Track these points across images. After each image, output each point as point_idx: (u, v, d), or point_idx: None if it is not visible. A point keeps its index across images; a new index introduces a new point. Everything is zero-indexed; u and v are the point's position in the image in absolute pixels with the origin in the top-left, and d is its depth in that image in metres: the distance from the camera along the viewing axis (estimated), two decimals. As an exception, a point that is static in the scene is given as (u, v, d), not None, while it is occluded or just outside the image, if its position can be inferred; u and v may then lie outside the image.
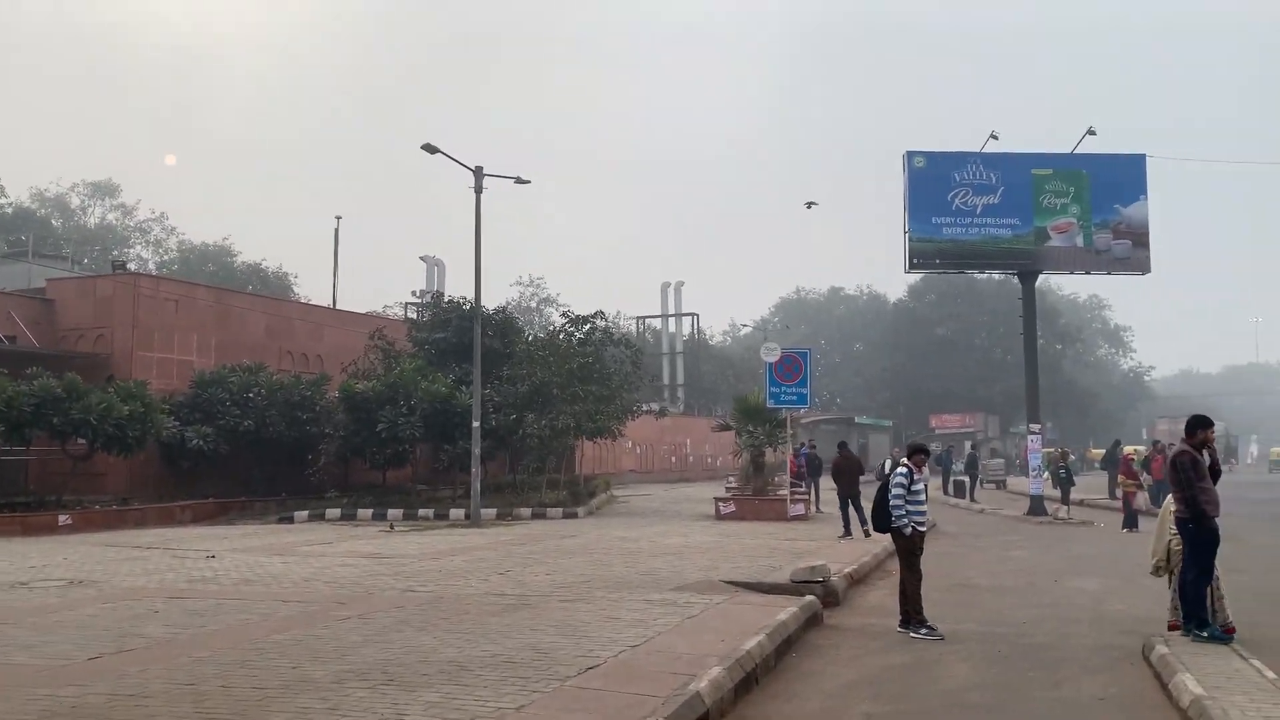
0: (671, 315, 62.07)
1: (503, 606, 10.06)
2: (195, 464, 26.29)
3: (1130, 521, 21.43)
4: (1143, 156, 27.56)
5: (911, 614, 9.56)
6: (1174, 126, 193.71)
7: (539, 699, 6.16)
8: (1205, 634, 8.04)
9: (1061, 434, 61.82)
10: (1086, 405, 72.12)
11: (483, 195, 23.06)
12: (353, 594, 11.34)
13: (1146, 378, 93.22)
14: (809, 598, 10.36)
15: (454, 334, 28.89)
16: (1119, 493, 27.24)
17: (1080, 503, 27.14)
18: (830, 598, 11.24)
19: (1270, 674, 6.84)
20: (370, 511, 25.11)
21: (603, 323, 29.34)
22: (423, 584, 12.08)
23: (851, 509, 18.64)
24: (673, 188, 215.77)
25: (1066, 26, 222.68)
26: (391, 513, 24.80)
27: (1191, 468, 8.23)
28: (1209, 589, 8.35)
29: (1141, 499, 23.58)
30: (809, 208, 28.30)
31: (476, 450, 22.67)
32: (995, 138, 27.13)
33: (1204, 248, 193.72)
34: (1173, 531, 8.71)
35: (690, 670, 6.92)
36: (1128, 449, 32.16)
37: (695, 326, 63.63)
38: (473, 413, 22.86)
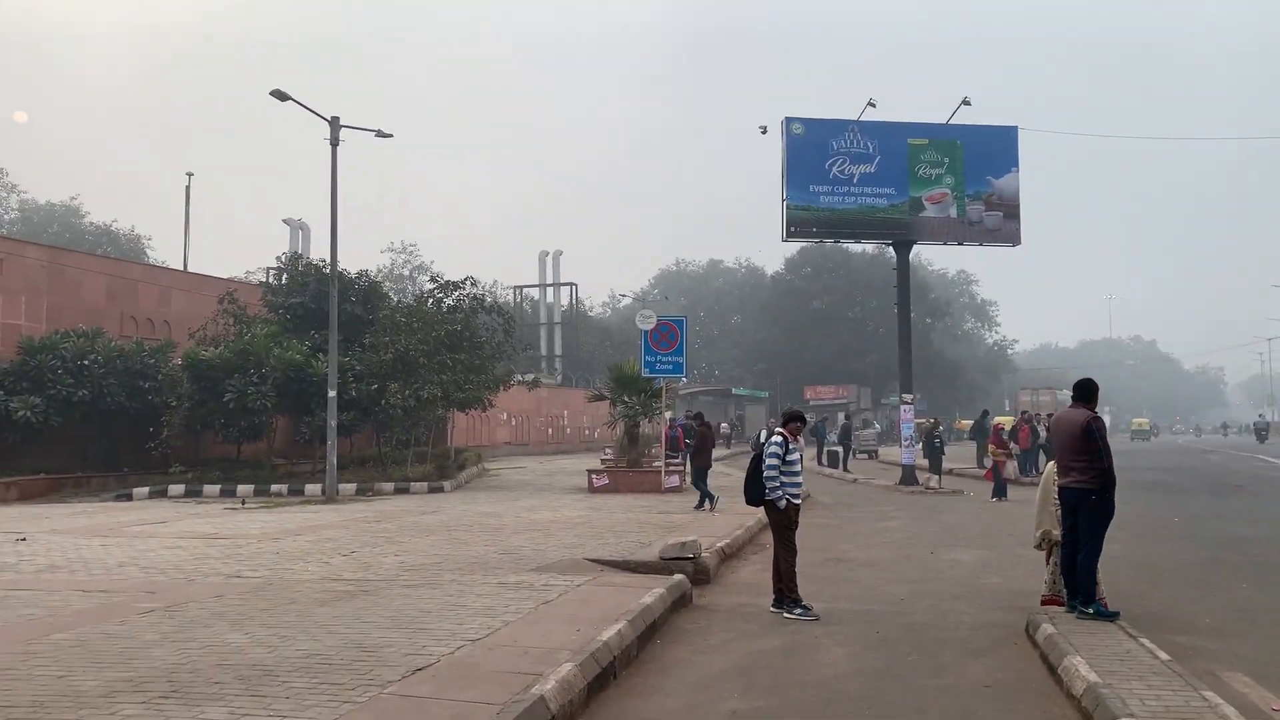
0: (549, 285, 60.78)
1: (336, 594, 8.97)
2: (23, 438, 23.97)
3: (1000, 490, 21.55)
4: (1015, 128, 27.76)
5: (786, 593, 8.91)
6: (1044, 103, 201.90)
7: (348, 712, 5.17)
8: (1091, 611, 7.57)
9: (930, 405, 63.31)
10: (953, 377, 74.12)
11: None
12: (170, 581, 10.05)
13: (1009, 351, 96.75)
14: (678, 577, 9.61)
15: (312, 299, 27.10)
16: (987, 462, 27.69)
17: (950, 472, 27.38)
18: (701, 575, 10.53)
19: (1163, 655, 6.36)
20: (218, 488, 23.39)
21: (473, 289, 28.01)
22: (254, 568, 10.84)
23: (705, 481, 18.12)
24: (556, 158, 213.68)
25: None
26: (242, 488, 23.14)
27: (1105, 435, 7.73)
28: (1091, 562, 7.90)
29: (1011, 468, 23.86)
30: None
31: (332, 421, 21.25)
32: (873, 105, 26.83)
33: (1064, 225, 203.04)
34: (1055, 503, 8.25)
35: (537, 668, 6.03)
36: (996, 419, 32.83)
37: (574, 297, 62.46)
38: (329, 381, 21.41)
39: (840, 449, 32.80)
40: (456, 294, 27.53)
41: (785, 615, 8.75)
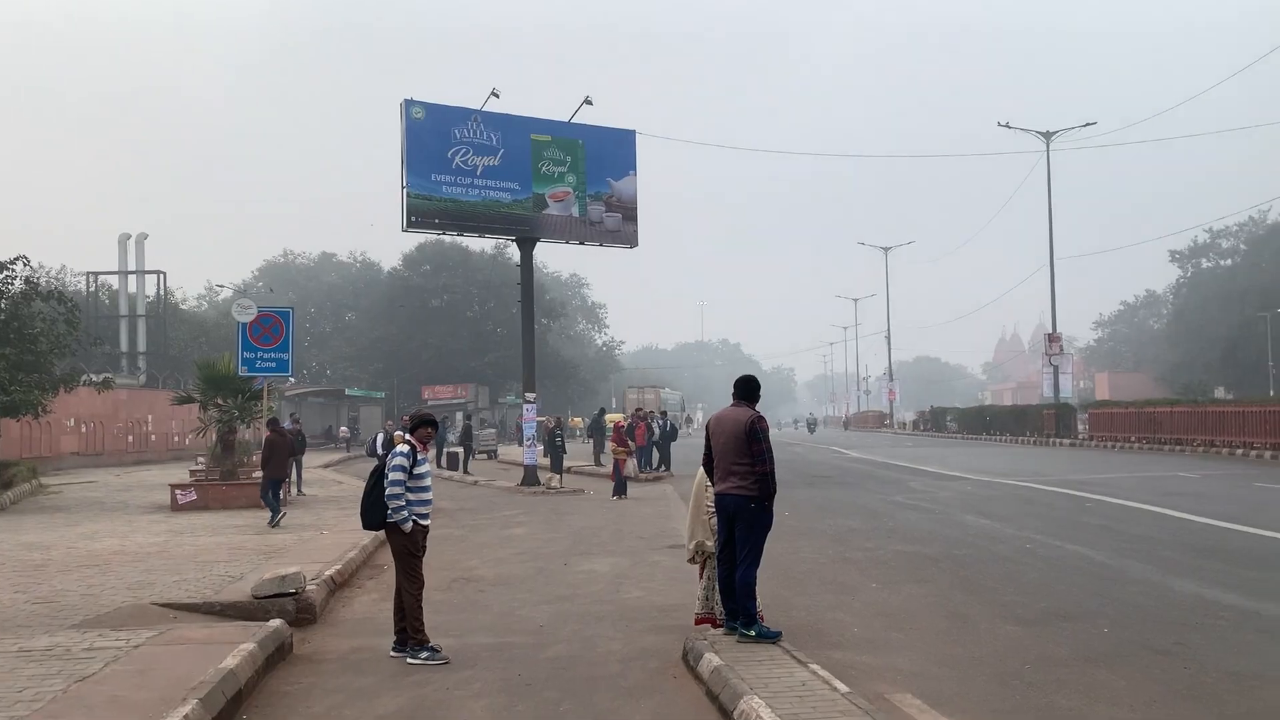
0: (131, 272, 53.48)
1: None
2: None
3: (620, 489, 21.52)
4: (633, 132, 28.16)
5: (410, 632, 7.49)
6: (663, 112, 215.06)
7: None
8: (753, 633, 6.92)
9: (545, 403, 64.11)
10: (568, 376, 75.89)
11: None
12: None
13: (617, 351, 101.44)
14: (275, 623, 7.80)
15: None
16: (605, 459, 27.91)
17: (569, 471, 27.23)
18: (305, 614, 8.79)
19: (841, 686, 5.76)
20: None
21: (26, 269, 23.36)
22: None
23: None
24: (143, 137, 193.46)
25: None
26: None
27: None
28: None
29: (631, 465, 24.04)
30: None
31: None
32: (496, 96, 25.97)
33: (667, 231, 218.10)
34: (709, 510, 7.58)
35: (50, 800, 4.15)
36: (613, 417, 33.39)
37: (162, 286, 55.40)
38: None
39: (461, 450, 31.76)
40: (3, 276, 22.78)
41: (410, 661, 7.33)
